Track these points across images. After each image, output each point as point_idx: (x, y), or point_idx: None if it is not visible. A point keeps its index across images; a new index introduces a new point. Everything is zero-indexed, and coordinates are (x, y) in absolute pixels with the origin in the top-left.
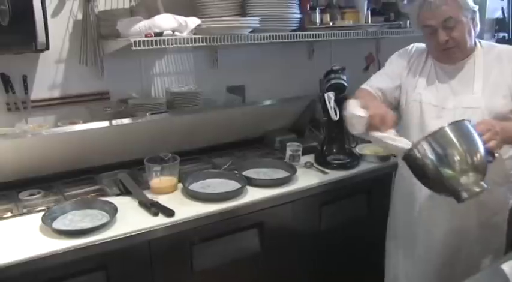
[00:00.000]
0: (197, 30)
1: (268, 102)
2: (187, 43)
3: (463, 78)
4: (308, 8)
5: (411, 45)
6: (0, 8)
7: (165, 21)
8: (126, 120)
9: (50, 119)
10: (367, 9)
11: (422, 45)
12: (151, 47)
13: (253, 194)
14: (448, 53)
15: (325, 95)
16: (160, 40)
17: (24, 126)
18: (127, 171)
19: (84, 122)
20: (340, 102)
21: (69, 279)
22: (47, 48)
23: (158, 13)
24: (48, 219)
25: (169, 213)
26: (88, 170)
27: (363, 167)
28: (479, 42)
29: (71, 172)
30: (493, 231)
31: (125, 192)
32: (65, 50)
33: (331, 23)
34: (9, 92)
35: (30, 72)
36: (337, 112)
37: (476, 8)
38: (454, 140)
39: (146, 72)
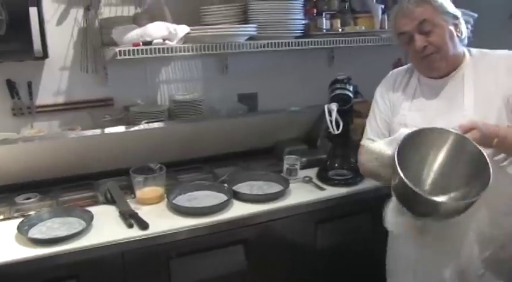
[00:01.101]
0: (189, 38)
1: (277, 112)
2: (176, 52)
3: (451, 94)
4: (314, 14)
5: (389, 73)
6: None
7: (156, 30)
8: (119, 128)
9: (54, 124)
10: (383, 13)
11: (403, 67)
12: (137, 56)
13: (238, 210)
14: (429, 60)
15: (326, 106)
16: (146, 49)
17: (24, 131)
18: (123, 178)
19: (84, 128)
20: (345, 114)
21: None
22: (45, 56)
23: (164, 20)
24: (25, 226)
25: (143, 225)
26: (88, 176)
27: (367, 184)
28: (469, 50)
29: (71, 177)
30: (500, 267)
31: (111, 201)
32: (69, 57)
33: (339, 29)
34: (14, 97)
35: (35, 78)
36: (340, 124)
37: (459, 14)
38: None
39: (152, 79)
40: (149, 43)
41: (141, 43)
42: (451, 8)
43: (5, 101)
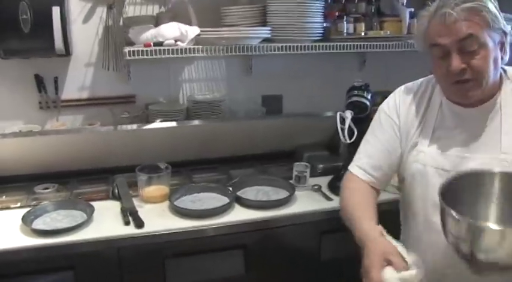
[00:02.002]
0: (202, 39)
1: (298, 115)
2: (186, 53)
3: (485, 129)
4: (336, 17)
5: (402, 87)
6: (22, 17)
7: (169, 30)
8: (134, 126)
9: (78, 119)
10: (412, 17)
11: (419, 82)
12: (146, 57)
13: (238, 214)
14: (462, 88)
15: (338, 113)
16: (156, 50)
17: (49, 124)
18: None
19: (104, 124)
20: (361, 122)
21: (40, 275)
22: (68, 53)
23: (188, 20)
24: (31, 216)
25: (139, 224)
26: (106, 171)
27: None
28: (504, 71)
29: (90, 171)
30: None
31: (118, 197)
32: (94, 54)
33: (362, 34)
34: (41, 91)
35: (61, 74)
36: (355, 133)
37: (509, 28)
38: None
39: (175, 78)
40: (161, 44)
41: (152, 44)
42: (502, 21)
43: (33, 95)
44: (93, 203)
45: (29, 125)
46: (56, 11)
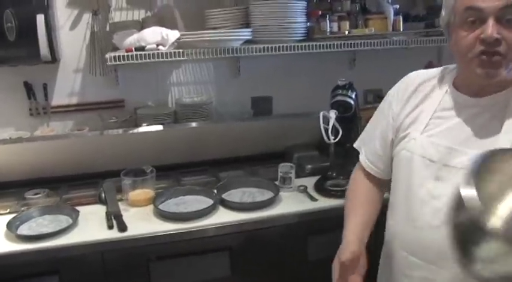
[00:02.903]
0: (184, 43)
1: (286, 116)
2: (167, 58)
3: (485, 124)
4: (319, 16)
5: (406, 76)
6: (7, 25)
7: (151, 35)
8: (120, 130)
9: (68, 124)
10: (397, 14)
11: (431, 72)
12: (129, 62)
13: (223, 216)
14: (489, 61)
15: (321, 113)
16: (137, 55)
17: (39, 130)
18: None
19: (93, 129)
20: (347, 121)
21: (25, 280)
22: (54, 60)
23: (174, 24)
24: (17, 222)
25: (122, 227)
26: (96, 175)
27: None
28: None
29: (81, 176)
30: None
31: (104, 201)
32: (82, 60)
33: (346, 32)
34: (31, 98)
35: (50, 80)
36: (340, 133)
37: None
38: None
39: (163, 81)
40: (142, 48)
41: (133, 49)
42: None
43: (23, 102)
44: (81, 208)
45: (19, 131)
46: (40, 18)
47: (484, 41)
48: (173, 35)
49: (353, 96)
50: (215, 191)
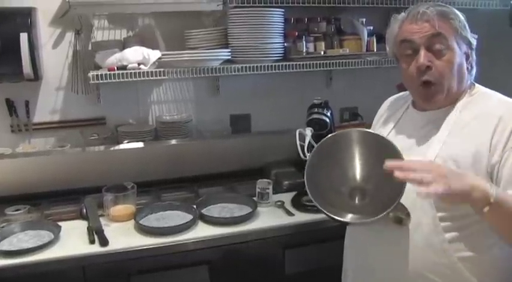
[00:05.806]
0: (164, 62)
1: (264, 133)
2: (148, 76)
3: (427, 135)
4: (296, 36)
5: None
6: None
7: (133, 54)
8: (101, 147)
9: (50, 141)
10: (371, 35)
11: (400, 94)
12: (111, 81)
13: (202, 231)
14: (428, 92)
15: (297, 131)
16: (119, 74)
17: (19, 147)
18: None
19: (75, 146)
20: (322, 139)
21: None
22: (37, 78)
23: (155, 44)
24: None
25: (103, 242)
26: (77, 191)
27: None
28: (472, 86)
29: (62, 192)
30: None
31: (86, 216)
32: (64, 78)
33: (322, 52)
34: (13, 115)
35: (32, 97)
36: None
37: (474, 42)
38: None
39: (143, 99)
40: (124, 67)
41: (115, 68)
42: (469, 33)
43: (4, 119)
44: (62, 223)
45: (0, 148)
46: (23, 37)
47: (418, 68)
48: (154, 54)
49: (328, 114)
50: (195, 207)
